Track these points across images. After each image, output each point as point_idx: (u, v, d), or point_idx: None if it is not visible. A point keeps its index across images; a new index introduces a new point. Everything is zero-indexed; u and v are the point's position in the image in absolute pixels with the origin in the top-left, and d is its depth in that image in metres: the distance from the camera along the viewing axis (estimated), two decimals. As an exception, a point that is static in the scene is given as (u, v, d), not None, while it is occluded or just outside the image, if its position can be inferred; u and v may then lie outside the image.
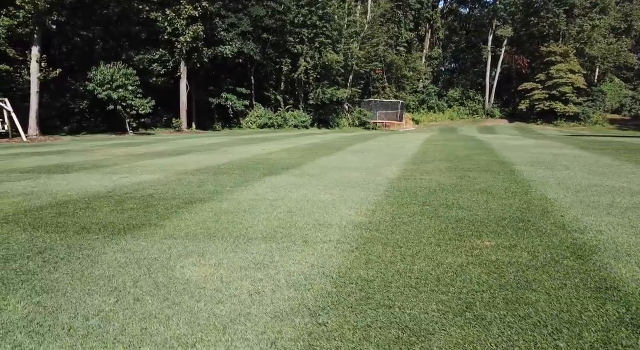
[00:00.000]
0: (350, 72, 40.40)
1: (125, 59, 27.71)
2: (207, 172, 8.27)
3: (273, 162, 9.87)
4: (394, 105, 48.10)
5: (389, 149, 12.77)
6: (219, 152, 12.92)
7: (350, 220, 4.47)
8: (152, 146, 15.52)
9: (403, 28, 55.47)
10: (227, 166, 9.15)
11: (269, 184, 6.71)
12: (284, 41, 36.08)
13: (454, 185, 6.29)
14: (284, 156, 11.19)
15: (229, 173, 8.08)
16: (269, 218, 4.65)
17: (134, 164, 9.85)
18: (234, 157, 11.03)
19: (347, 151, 12.41)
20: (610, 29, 51.83)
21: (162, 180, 7.30)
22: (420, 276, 3.06)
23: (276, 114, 37.37)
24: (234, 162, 9.99)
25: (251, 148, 14.25)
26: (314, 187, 6.41)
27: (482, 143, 14.92)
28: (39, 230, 4.31)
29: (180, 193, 6.11)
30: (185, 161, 10.27)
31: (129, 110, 25.40)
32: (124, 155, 12.19)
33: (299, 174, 7.75)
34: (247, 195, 5.86)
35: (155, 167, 9.19)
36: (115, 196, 5.93)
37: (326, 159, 10.29)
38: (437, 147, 13.22)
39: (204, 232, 4.21)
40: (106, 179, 7.55)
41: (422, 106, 59.09)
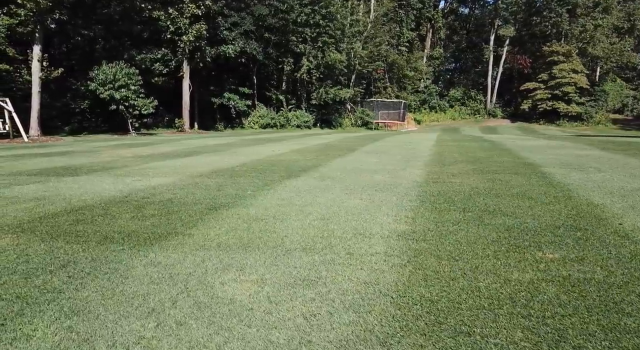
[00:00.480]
0: (353, 72, 40.12)
1: (127, 58, 27.37)
2: (223, 174, 7.97)
3: (287, 163, 9.56)
4: (396, 105, 47.82)
5: (402, 150, 12.48)
6: (228, 153, 12.61)
7: (392, 229, 4.17)
8: (157, 147, 15.20)
9: (405, 27, 55.21)
10: (242, 168, 8.84)
11: (292, 188, 6.40)
12: (286, 41, 35.75)
13: (489, 189, 6.00)
14: (296, 157, 10.89)
15: (245, 175, 7.78)
16: (303, 226, 4.35)
17: (143, 165, 9.54)
18: (245, 159, 10.72)
19: (360, 152, 12.11)
20: (613, 28, 51.64)
21: (177, 183, 6.99)
22: (490, 295, 2.77)
23: (279, 114, 37.06)
24: (247, 163, 9.68)
25: (260, 149, 13.93)
26: (341, 191, 6.11)
27: (496, 144, 14.64)
28: (58, 240, 4.00)
29: (201, 198, 5.80)
30: (196, 163, 9.96)
31: (132, 111, 25.06)
32: (131, 156, 11.87)
33: (319, 177, 7.45)
34: (272, 200, 5.56)
35: (167, 169, 8.88)
36: (132, 201, 5.62)
37: (341, 161, 9.99)
38: (452, 148, 12.94)
39: (237, 242, 3.90)
40: (119, 182, 7.23)
41: (424, 106, 58.84)
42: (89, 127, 28.45)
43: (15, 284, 3.08)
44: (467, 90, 60.82)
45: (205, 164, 9.82)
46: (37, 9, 20.35)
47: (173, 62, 28.65)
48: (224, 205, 5.37)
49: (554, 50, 50.85)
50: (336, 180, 7.04)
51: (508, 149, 12.31)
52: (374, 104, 45.41)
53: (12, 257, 3.58)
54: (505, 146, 13.51)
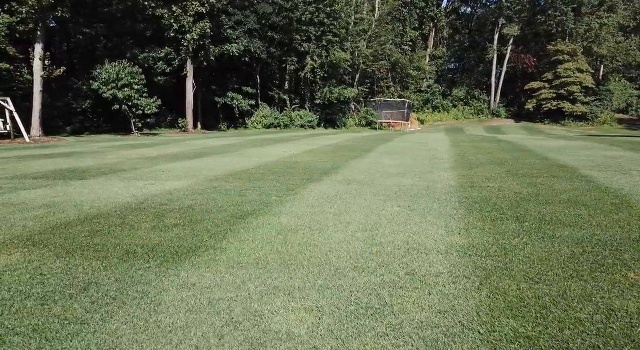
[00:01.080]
0: (357, 71, 39.68)
1: (130, 57, 26.90)
2: (240, 178, 7.53)
3: (304, 165, 9.12)
4: (400, 105, 47.37)
5: (420, 151, 12.03)
6: (238, 154, 12.17)
7: (448, 243, 3.73)
8: (164, 148, 14.75)
9: (408, 26, 54.75)
10: (258, 171, 8.40)
11: (319, 193, 5.96)
12: (290, 39, 35.30)
13: (534, 194, 5.57)
14: (311, 159, 10.44)
15: (264, 179, 7.34)
16: (346, 239, 3.91)
17: (154, 168, 9.09)
18: (259, 161, 10.27)
19: (377, 153, 11.67)
20: (619, 27, 51.22)
21: (194, 188, 6.55)
22: (601, 332, 2.32)
23: (282, 114, 36.60)
24: (262, 166, 9.24)
25: (270, 150, 13.49)
26: (373, 197, 5.67)
27: (515, 144, 14.18)
28: (75, 256, 3.56)
29: (223, 204, 5.36)
30: (208, 165, 9.51)
31: (135, 111, 24.61)
32: (138, 158, 11.43)
33: (344, 181, 7.00)
34: (302, 207, 5.12)
35: (179, 172, 8.43)
36: (150, 209, 5.17)
37: (361, 163, 9.55)
38: (471, 149, 12.48)
39: (277, 259, 3.46)
40: (131, 186, 6.79)
41: (427, 106, 58.35)
42: (91, 127, 28.00)
43: (31, 312, 2.64)
44: (471, 90, 60.38)
45: (219, 166, 9.38)
46: (38, 7, 19.89)
47: (176, 61, 28.19)
48: (250, 212, 4.92)
49: (559, 49, 50.40)
50: (364, 185, 6.60)
51: (530, 150, 11.87)
52: (377, 104, 44.97)
53: (25, 278, 3.13)
54: (525, 147, 13.07)
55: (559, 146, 13.58)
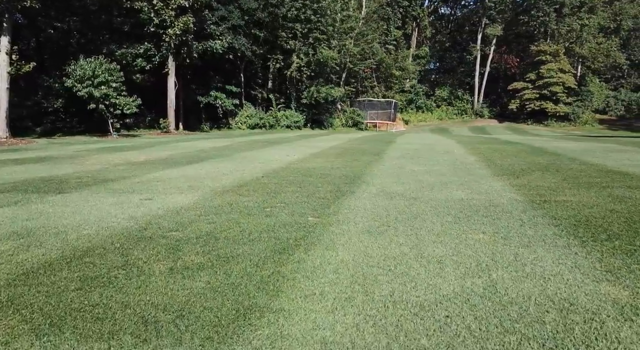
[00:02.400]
0: (344, 70, 38.66)
1: (107, 53, 25.09)
2: (254, 189, 6.32)
3: (321, 172, 7.95)
4: (384, 104, 46.64)
5: (437, 154, 11.01)
6: (237, 159, 10.91)
7: (608, 298, 2.64)
8: (150, 151, 13.32)
9: (392, 25, 54.11)
10: (271, 180, 7.19)
11: (364, 212, 4.82)
12: (276, 37, 34.00)
13: (634, 211, 4.57)
14: (323, 164, 9.28)
15: (283, 191, 6.15)
16: (456, 292, 2.77)
17: (146, 177, 7.78)
18: (264, 166, 9.05)
19: (392, 158, 10.59)
20: (600, 28, 51.80)
21: (204, 204, 5.32)
22: None
23: (268, 113, 35.25)
24: (272, 173, 8.03)
25: (270, 153, 12.26)
26: (437, 217, 4.56)
27: (532, 147, 13.24)
28: (65, 332, 2.32)
29: (251, 229, 4.16)
30: (209, 173, 8.25)
31: (113, 110, 22.88)
32: (123, 163, 10.04)
33: (382, 193, 5.88)
34: (357, 235, 3.96)
35: (178, 182, 7.16)
36: (158, 238, 3.93)
37: (382, 169, 8.44)
38: (491, 152, 11.51)
39: (378, 332, 2.30)
40: (125, 202, 5.50)
41: (410, 106, 57.88)
42: (63, 128, 26.05)
43: None
44: (454, 90, 60.26)
45: (221, 173, 8.12)
46: (5, -4, 18.08)
47: (157, 58, 26.50)
48: (293, 243, 3.75)
49: (542, 49, 50.63)
50: (410, 199, 5.49)
51: (556, 153, 11.00)
52: (362, 104, 44.08)
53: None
54: (546, 149, 12.22)
55: (581, 148, 12.77)
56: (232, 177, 7.68)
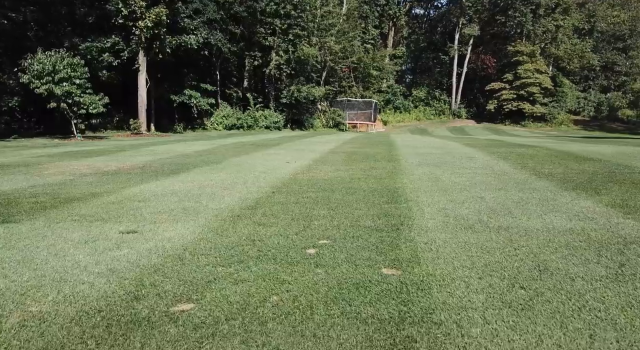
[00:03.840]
0: (324, 69, 37.22)
1: (69, 47, 22.75)
2: (274, 214, 4.74)
3: (345, 186, 6.43)
4: (361, 105, 45.49)
5: (460, 160, 9.66)
6: (229, 166, 9.25)
7: None
8: (122, 157, 11.45)
9: (370, 24, 53.08)
10: (288, 199, 5.62)
11: (457, 256, 3.34)
12: (253, 32, 32.25)
13: None
14: (339, 174, 7.77)
15: (315, 217, 4.60)
16: None
17: (122, 193, 6.07)
18: (269, 178, 7.45)
19: (411, 164, 9.16)
20: (574, 29, 52.39)
21: (214, 241, 3.73)
22: None
23: (245, 113, 33.42)
24: (283, 188, 6.46)
25: (265, 159, 10.65)
26: (582, 267, 3.13)
27: (559, 150, 11.98)
28: None
29: (308, 296, 2.62)
30: (203, 187, 6.59)
31: (76, 109, 20.63)
32: (91, 173, 8.24)
33: (451, 220, 4.43)
34: (498, 314, 2.48)
35: (167, 201, 5.50)
36: (162, 320, 2.34)
37: (417, 181, 6.99)
38: (521, 158, 10.21)
39: None
40: (99, 239, 3.84)
41: (388, 106, 57.08)
42: (19, 129, 23.57)
43: None
44: (431, 91, 59.85)
45: (219, 187, 6.49)
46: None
47: (126, 53, 24.30)
48: (399, 336, 2.22)
49: (519, 50, 50.75)
50: (500, 230, 4.05)
51: (596, 158, 9.82)
52: (341, 104, 42.76)
53: None
54: (574, 153, 11.06)
55: (611, 152, 11.67)
56: (234, 193, 6.07)
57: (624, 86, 63.62)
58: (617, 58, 60.52)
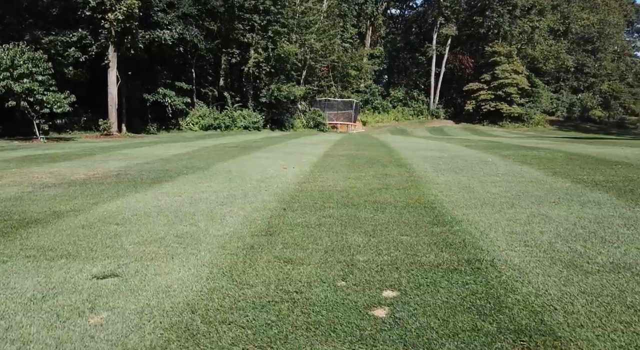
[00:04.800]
0: (305, 67, 36.11)
1: (30, 40, 20.88)
2: (296, 243, 3.64)
3: (368, 200, 5.38)
4: (340, 105, 44.62)
5: (479, 165, 8.73)
6: (219, 173, 8.06)
7: None
8: (92, 162, 10.05)
9: (348, 22, 52.24)
10: (306, 219, 4.52)
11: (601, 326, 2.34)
12: (231, 29, 30.85)
13: None
14: (351, 183, 6.71)
15: (354, 246, 3.53)
16: None
17: (94, 212, 4.84)
18: (271, 188, 6.32)
19: (433, 172, 8.16)
20: (549, 30, 53.03)
21: (232, 294, 2.61)
22: None
23: (223, 113, 31.96)
24: (293, 202, 5.35)
25: (259, 165, 9.50)
26: None
27: (571, 153, 11.27)
28: None
29: None
30: (195, 202, 5.42)
31: (39, 108, 18.84)
32: (55, 184, 6.91)
33: (535, 249, 3.44)
34: None
35: (152, 223, 4.32)
36: None
37: (448, 191, 6.01)
38: (539, 161, 9.43)
39: None
40: (64, 291, 2.66)
41: (367, 106, 56.43)
42: (-26, 130, 21.51)
43: None
44: (409, 91, 59.55)
45: (215, 202, 5.33)
46: None
47: (94, 48, 22.55)
48: None
49: (496, 50, 50.98)
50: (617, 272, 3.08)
51: (621, 161, 9.12)
52: (321, 104, 41.74)
53: None
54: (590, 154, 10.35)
55: (629, 154, 11.03)
56: (236, 210, 4.93)
57: (592, 87, 65.20)
58: (586, 60, 61.87)
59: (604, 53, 64.19)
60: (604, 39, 63.62)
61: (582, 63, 61.16)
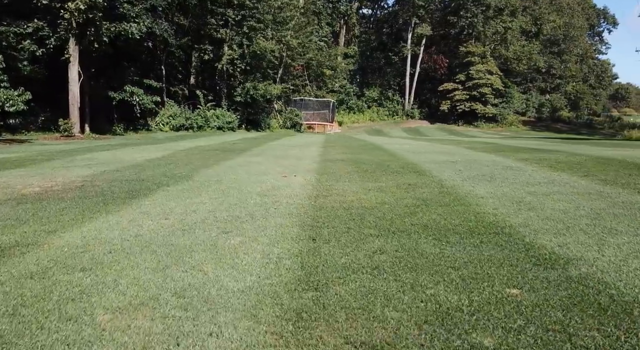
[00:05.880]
0: (281, 65, 34.72)
1: (-22, 31, 18.70)
2: (362, 308, 2.43)
3: (412, 221, 4.21)
4: (318, 104, 43.49)
5: (505, 171, 7.68)
6: (208, 185, 6.71)
7: None
8: (50, 169, 8.45)
9: (323, 21, 51.16)
10: (352, 258, 3.30)
11: None
12: (204, 23, 29.15)
13: None
14: (375, 196, 5.53)
15: (467, 327, 2.36)
16: None
17: (50, 248, 3.45)
18: (281, 206, 5.06)
19: (460, 180, 7.08)
20: (522, 31, 53.60)
21: None
22: None
23: (195, 113, 30.17)
24: (321, 229, 4.12)
25: (252, 172, 8.18)
26: None
27: (596, 157, 10.43)
28: None
29: None
30: (188, 228, 4.10)
31: (-12, 107, 16.80)
32: (1, 200, 5.41)
33: None
34: None
35: (140, 272, 3.00)
36: None
37: (503, 208, 4.91)
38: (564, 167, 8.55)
39: None
40: None
41: (342, 106, 55.52)
42: None
43: None
44: (384, 91, 59.02)
45: (217, 228, 4.03)
46: None
47: (52, 40, 20.44)
48: None
49: (470, 50, 51.08)
50: None
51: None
52: (296, 104, 40.44)
53: None
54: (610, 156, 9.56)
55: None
56: (248, 241, 3.65)
57: (559, 89, 66.77)
58: (553, 61, 63.21)
59: (569, 55, 65.82)
60: (569, 41, 65.22)
61: (550, 65, 62.41)
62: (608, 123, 55.36)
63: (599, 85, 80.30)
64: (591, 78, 76.00)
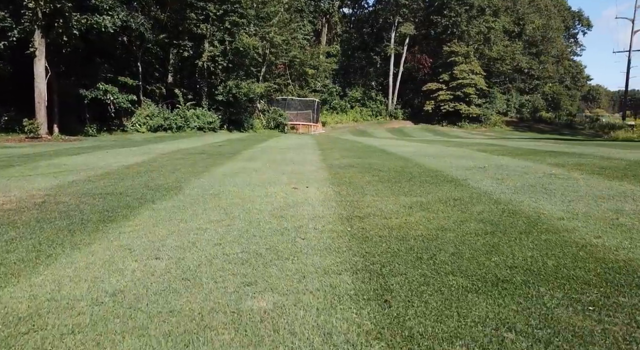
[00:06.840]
0: (265, 63, 33.32)
1: None
2: None
3: (515, 264, 3.07)
4: (300, 104, 42.23)
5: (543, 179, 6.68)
6: (201, 199, 5.41)
7: None
8: (5, 178, 6.96)
9: (306, 18, 49.90)
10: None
11: None
12: (183, 18, 27.53)
13: None
14: (421, 217, 4.36)
15: None
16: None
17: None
18: (308, 233, 3.83)
19: (507, 194, 5.99)
20: (504, 31, 53.53)
21: None
22: None
23: (174, 112, 28.51)
24: (390, 282, 2.91)
25: (252, 182, 6.89)
26: None
27: (630, 161, 9.63)
28: None
29: None
30: (191, 277, 2.84)
31: (-59, 105, 14.92)
32: None
33: None
34: None
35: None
36: None
37: (595, 231, 3.82)
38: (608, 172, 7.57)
39: None
40: None
41: (325, 106, 54.39)
42: None
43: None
44: (367, 91, 58.17)
45: (235, 280, 2.77)
46: None
47: (15, 32, 18.57)
48: None
49: (454, 50, 50.67)
50: None
51: None
52: (280, 103, 39.07)
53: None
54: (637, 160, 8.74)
55: None
56: (283, 303, 2.41)
57: (537, 89, 67.27)
58: (532, 62, 63.60)
59: (546, 56, 66.37)
60: (547, 42, 65.75)
61: (529, 65, 62.74)
62: (588, 124, 55.83)
63: (574, 86, 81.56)
64: (567, 79, 77.04)
